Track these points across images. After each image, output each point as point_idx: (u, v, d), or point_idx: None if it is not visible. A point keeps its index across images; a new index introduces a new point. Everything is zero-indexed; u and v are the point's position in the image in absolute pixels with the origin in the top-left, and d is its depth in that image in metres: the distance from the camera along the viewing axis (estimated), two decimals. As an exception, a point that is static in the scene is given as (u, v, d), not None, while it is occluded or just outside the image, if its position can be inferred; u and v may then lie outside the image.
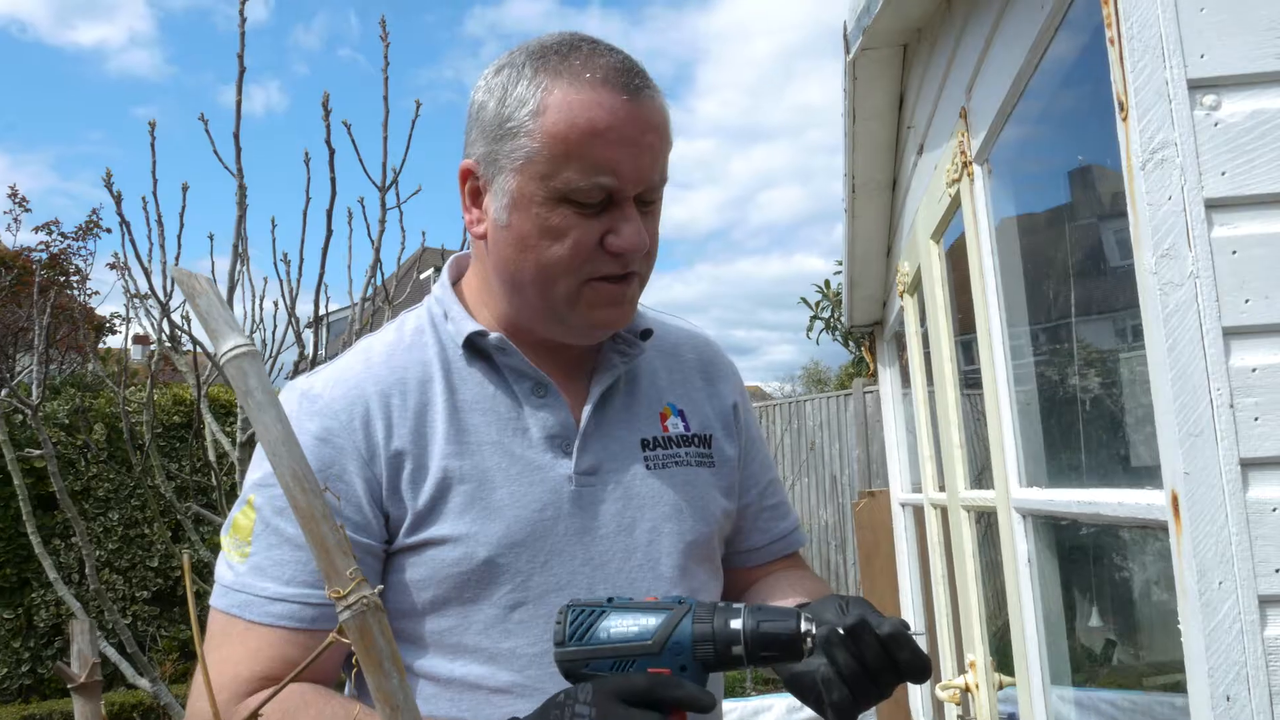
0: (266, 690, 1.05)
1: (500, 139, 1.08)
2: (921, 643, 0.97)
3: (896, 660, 0.93)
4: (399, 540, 1.11)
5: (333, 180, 4.04)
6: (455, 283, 1.26)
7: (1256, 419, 0.87)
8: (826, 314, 12.07)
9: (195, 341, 4.16)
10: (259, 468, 1.12)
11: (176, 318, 4.05)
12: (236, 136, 3.66)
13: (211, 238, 4.38)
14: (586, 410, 1.18)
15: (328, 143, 3.97)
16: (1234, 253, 0.90)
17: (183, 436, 7.50)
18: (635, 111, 1.06)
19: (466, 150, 1.15)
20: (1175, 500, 0.89)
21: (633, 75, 1.08)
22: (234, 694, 1.05)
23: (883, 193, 3.22)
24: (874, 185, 3.18)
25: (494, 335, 1.16)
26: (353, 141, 4.22)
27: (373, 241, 4.38)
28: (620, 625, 0.93)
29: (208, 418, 4.04)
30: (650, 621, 0.93)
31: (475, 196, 1.15)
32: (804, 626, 0.92)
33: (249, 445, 3.89)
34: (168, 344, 4.09)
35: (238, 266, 3.84)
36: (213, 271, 4.24)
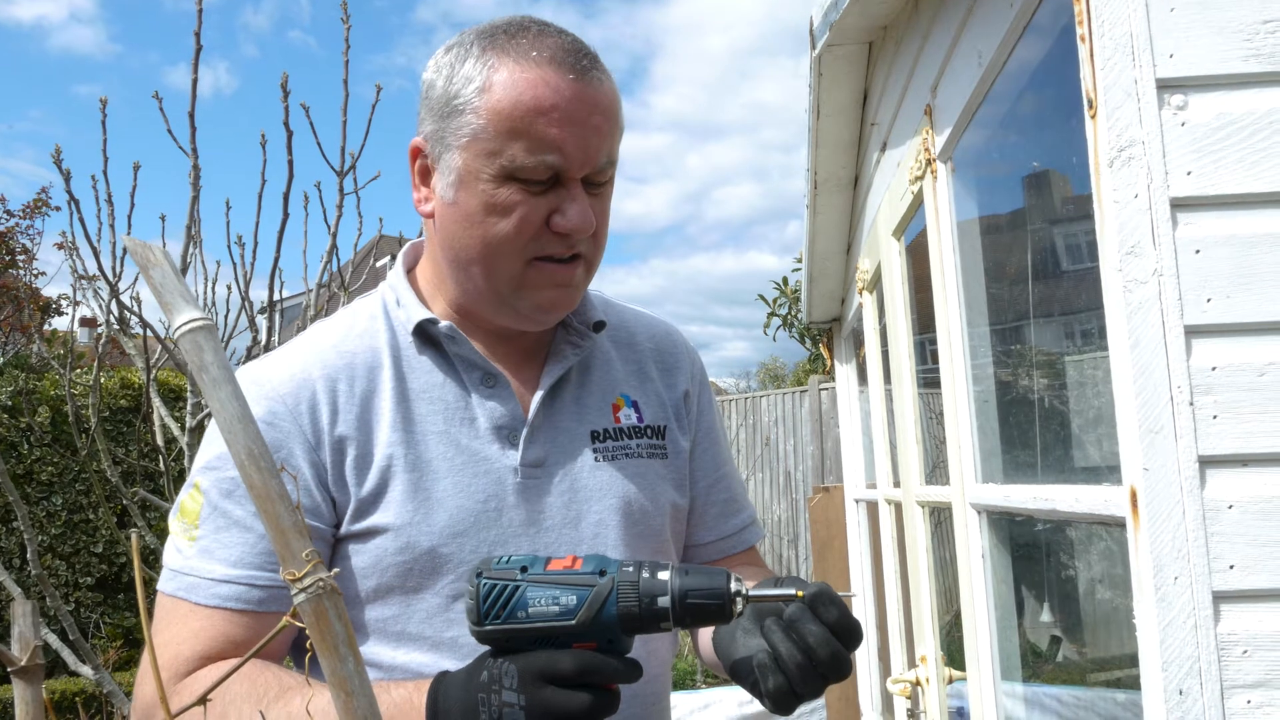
0: (211, 667, 1.04)
1: (447, 116, 1.09)
2: (852, 605, 0.94)
3: (825, 623, 0.89)
4: (344, 527, 1.10)
5: (290, 163, 3.97)
6: (410, 270, 1.25)
7: (1215, 417, 0.88)
8: (784, 311, 12.13)
9: (145, 324, 4.08)
10: (207, 450, 1.11)
11: (126, 299, 3.96)
12: (192, 116, 3.58)
13: (164, 219, 4.29)
14: (535, 401, 1.17)
15: (286, 125, 3.90)
16: (1197, 252, 0.91)
17: (130, 421, 7.36)
18: (582, 91, 1.06)
19: (418, 129, 1.15)
20: (1134, 496, 0.90)
21: (580, 56, 1.08)
22: (174, 674, 1.04)
23: (844, 190, 3.24)
24: (836, 182, 3.19)
25: (444, 324, 1.15)
26: (311, 125, 4.15)
27: (329, 227, 4.32)
28: (539, 603, 0.89)
29: (156, 401, 3.96)
30: (571, 599, 0.89)
31: (424, 175, 1.15)
32: (733, 586, 0.89)
33: (198, 430, 3.82)
34: (116, 326, 4.00)
35: (190, 249, 3.77)
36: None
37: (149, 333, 4.09)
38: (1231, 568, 0.86)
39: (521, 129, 1.04)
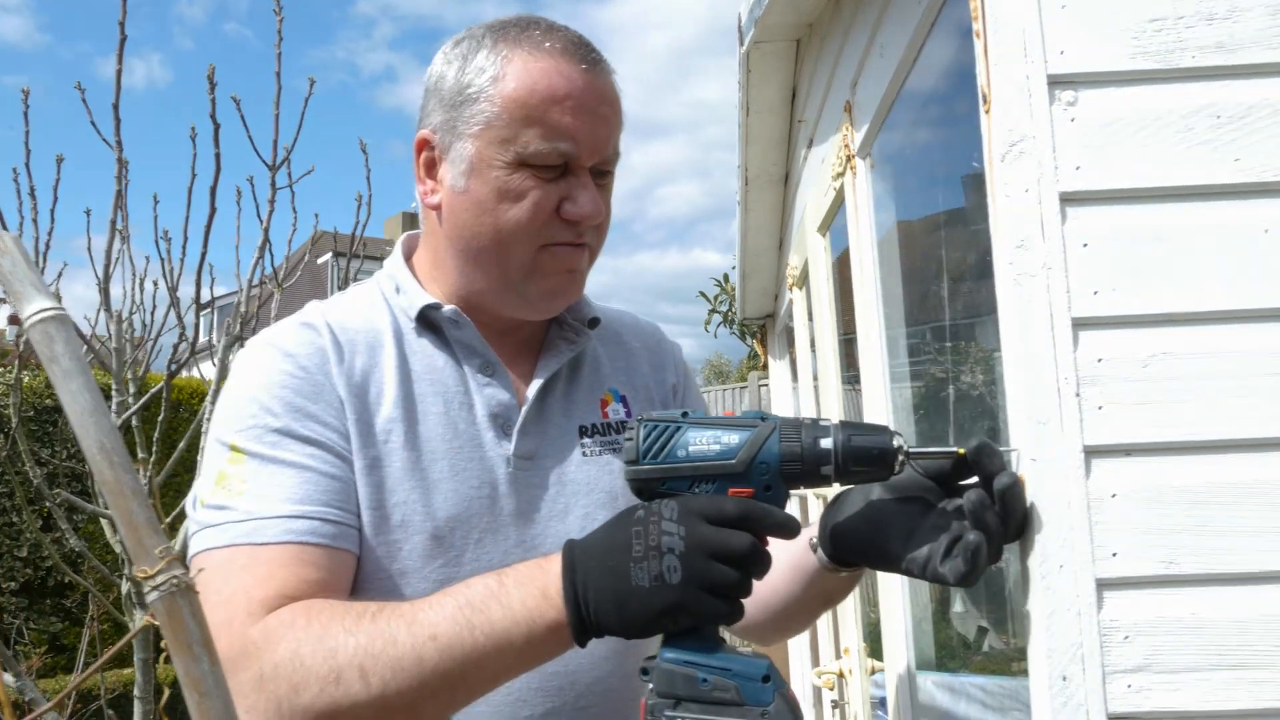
0: (302, 603, 0.96)
1: (459, 105, 1.10)
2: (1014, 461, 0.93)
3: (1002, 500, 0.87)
4: None
5: (217, 156, 3.91)
6: (407, 260, 1.25)
7: (1100, 408, 0.90)
8: (725, 307, 12.19)
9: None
10: (234, 414, 1.07)
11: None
12: (116, 108, 3.50)
13: (88, 213, 4.19)
14: (530, 394, 1.18)
15: (213, 118, 3.82)
16: (1085, 245, 0.92)
17: (55, 420, 7.16)
18: (593, 82, 1.10)
19: (422, 122, 1.16)
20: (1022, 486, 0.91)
21: (589, 50, 1.12)
22: (250, 617, 0.95)
23: (775, 186, 3.26)
24: (766, 179, 3.21)
25: (448, 308, 1.16)
26: (241, 117, 4.07)
27: (261, 221, 4.25)
28: (700, 442, 0.88)
29: (78, 400, 3.85)
30: (733, 439, 0.88)
31: (430, 168, 1.16)
32: (896, 442, 0.88)
33: (121, 430, 3.72)
34: (38, 322, 3.89)
35: (116, 244, 3.68)
36: (89, 249, 4.04)
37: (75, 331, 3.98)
38: (1114, 555, 0.88)
39: (536, 116, 1.07)
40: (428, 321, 1.17)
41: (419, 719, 0.92)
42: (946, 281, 1.86)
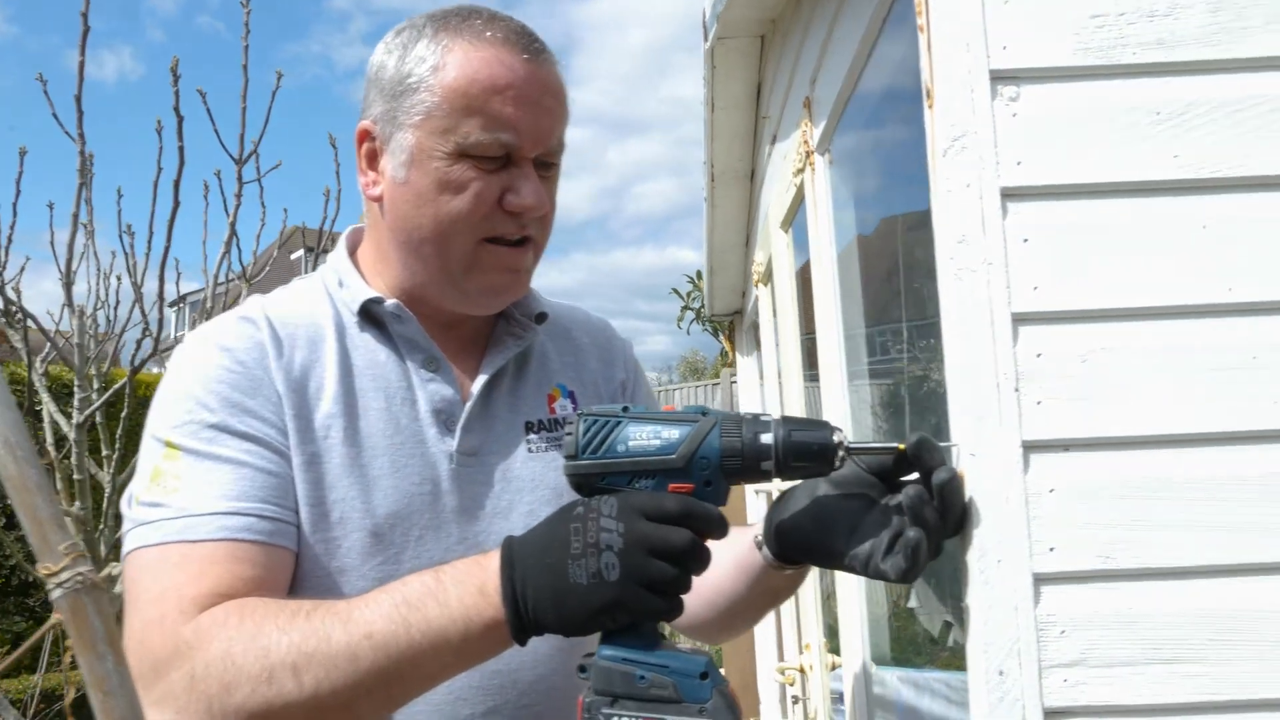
0: (234, 602, 0.94)
1: (399, 95, 1.09)
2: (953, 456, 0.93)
3: (941, 497, 0.87)
4: None
5: (181, 149, 3.86)
6: (351, 253, 1.23)
7: (1039, 403, 0.90)
8: (698, 304, 12.20)
9: (28, 316, 3.92)
10: (169, 410, 1.05)
11: (10, 292, 3.80)
12: (78, 100, 3.45)
13: (51, 206, 4.13)
14: (475, 390, 1.16)
15: (176, 110, 3.78)
16: (1025, 240, 0.92)
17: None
18: (535, 72, 1.09)
19: (363, 113, 1.15)
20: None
21: (532, 39, 1.11)
22: (182, 615, 0.93)
23: (741, 182, 3.26)
24: (733, 175, 3.21)
25: (390, 302, 1.14)
26: (208, 110, 4.03)
27: (228, 215, 4.21)
28: (640, 437, 0.87)
29: (45, 397, 3.80)
30: (673, 434, 0.87)
31: (371, 159, 1.14)
32: (836, 437, 0.88)
33: (83, 426, 3.68)
34: (1, 319, 3.83)
35: (81, 239, 3.63)
36: (51, 243, 3.99)
37: (35, 325, 3.93)
38: (1052, 550, 0.88)
39: (477, 106, 1.06)
40: (370, 316, 1.16)
41: (355, 719, 0.91)
42: (904, 280, 1.86)
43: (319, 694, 0.88)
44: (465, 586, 0.90)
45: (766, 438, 0.88)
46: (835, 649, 2.37)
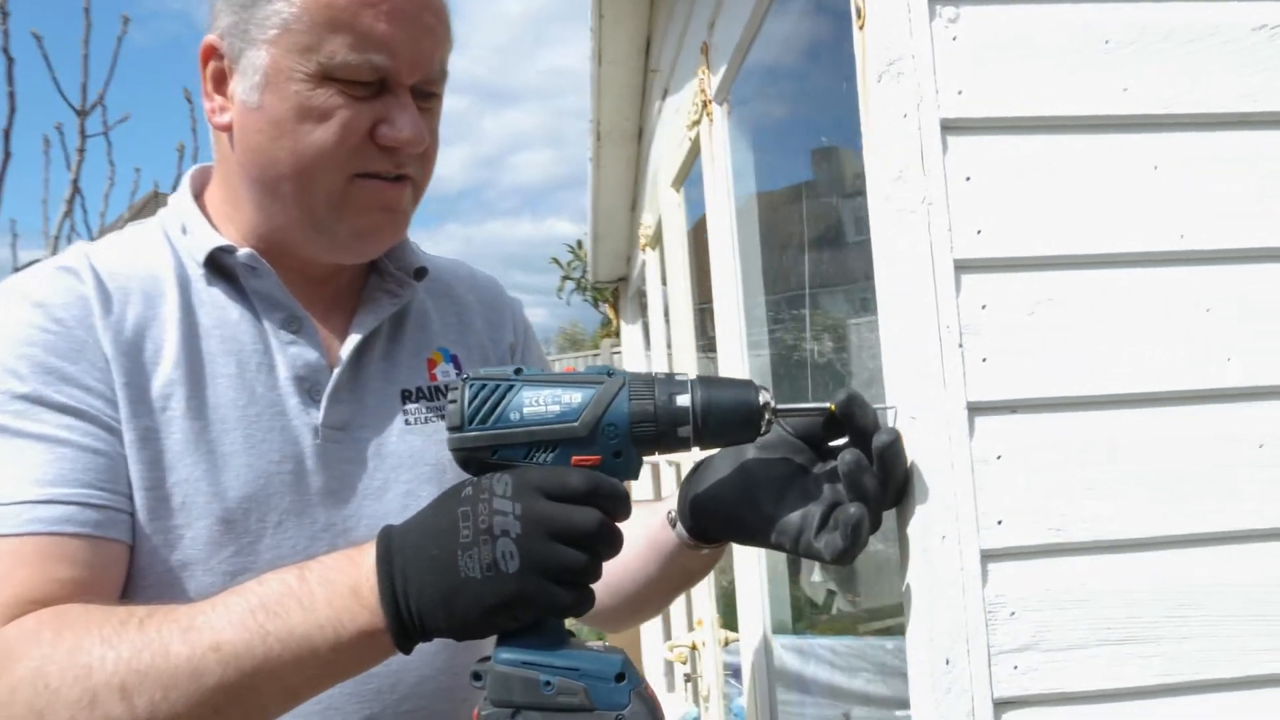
0: (50, 610, 0.78)
1: (250, 5, 0.92)
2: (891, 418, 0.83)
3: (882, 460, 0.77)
4: None
5: (11, 95, 3.55)
6: (197, 197, 1.04)
7: (985, 360, 0.81)
8: (578, 274, 12.07)
9: None
10: None
11: None
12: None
13: None
14: (343, 354, 1.00)
15: (4, 51, 3.46)
16: (968, 179, 0.82)
17: None
18: None
19: (210, 26, 0.97)
20: (901, 448, 0.81)
21: None
22: None
23: (629, 142, 3.13)
24: (620, 134, 3.08)
25: (244, 251, 0.97)
26: (44, 55, 3.70)
27: (70, 172, 3.91)
28: (537, 402, 0.75)
29: None
30: (575, 398, 0.75)
31: (219, 81, 0.97)
32: (762, 398, 0.77)
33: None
34: None
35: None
36: None
37: None
38: (1000, 523, 0.79)
39: (344, 20, 0.90)
40: (219, 267, 0.99)
41: None
42: (809, 238, 1.77)
43: (155, 719, 0.73)
44: (335, 586, 0.76)
45: (683, 399, 0.76)
46: (728, 624, 2.30)
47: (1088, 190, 0.84)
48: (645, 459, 0.82)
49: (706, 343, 2.35)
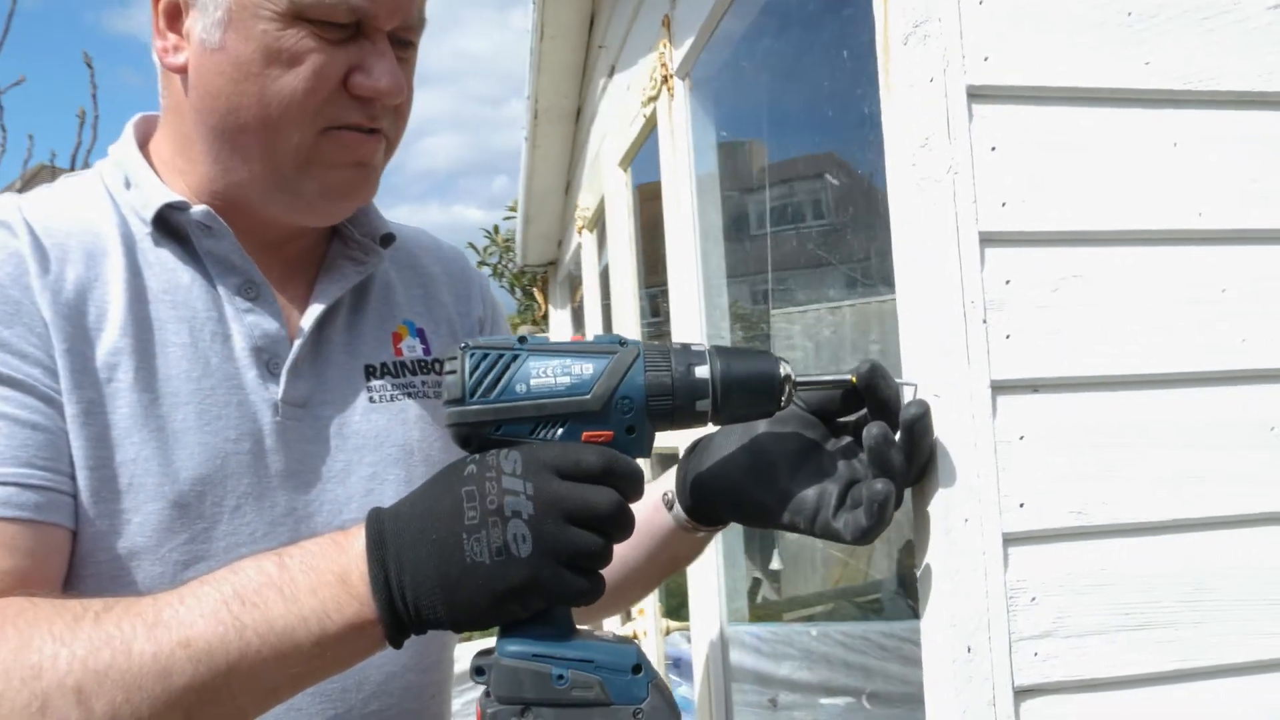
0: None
1: None
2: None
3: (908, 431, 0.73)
4: None
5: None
6: (142, 146, 0.94)
7: (1008, 337, 0.78)
8: (495, 260, 11.90)
9: None
10: None
11: None
12: None
13: None
14: (305, 325, 0.92)
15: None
16: (994, 149, 0.79)
17: None
18: None
19: None
20: (919, 427, 0.78)
21: None
22: None
23: (567, 121, 3.06)
24: (558, 112, 3.01)
25: (198, 208, 0.88)
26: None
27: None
28: (545, 373, 0.69)
29: None
30: (586, 368, 0.69)
31: (173, 18, 0.87)
32: (784, 369, 0.72)
33: None
34: None
35: None
36: None
37: None
38: (1022, 506, 0.76)
39: None
40: (169, 226, 0.89)
41: None
42: (773, 221, 1.74)
43: None
44: (320, 574, 0.69)
45: (702, 371, 0.71)
46: (669, 613, 2.26)
47: (1109, 165, 0.82)
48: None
49: (652, 326, 2.30)
